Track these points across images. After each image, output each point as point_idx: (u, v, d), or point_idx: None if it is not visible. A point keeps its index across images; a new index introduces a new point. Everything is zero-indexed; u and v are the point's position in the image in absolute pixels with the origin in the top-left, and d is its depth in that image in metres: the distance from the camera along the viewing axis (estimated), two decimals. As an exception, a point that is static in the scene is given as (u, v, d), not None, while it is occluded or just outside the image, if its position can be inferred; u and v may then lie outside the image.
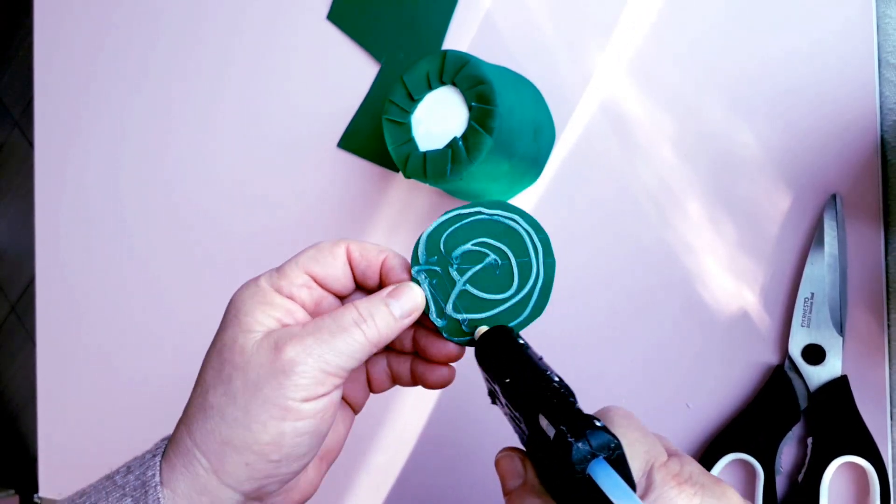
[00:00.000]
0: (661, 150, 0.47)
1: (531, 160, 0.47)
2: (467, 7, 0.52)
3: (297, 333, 0.29)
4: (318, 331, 0.29)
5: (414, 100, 0.42)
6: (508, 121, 0.41)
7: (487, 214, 0.32)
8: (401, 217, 0.54)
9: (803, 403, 0.43)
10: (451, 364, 0.33)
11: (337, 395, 0.30)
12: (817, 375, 0.43)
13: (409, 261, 0.33)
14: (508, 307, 0.32)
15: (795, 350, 0.43)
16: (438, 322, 0.32)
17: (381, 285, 0.33)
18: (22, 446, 1.72)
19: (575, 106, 0.49)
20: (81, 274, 0.66)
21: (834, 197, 0.43)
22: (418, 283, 0.32)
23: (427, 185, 0.53)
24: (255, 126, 0.59)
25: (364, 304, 0.30)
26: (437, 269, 0.32)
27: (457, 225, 0.32)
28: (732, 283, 0.46)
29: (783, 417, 0.43)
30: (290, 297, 0.31)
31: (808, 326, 0.43)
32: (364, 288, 0.33)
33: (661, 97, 0.47)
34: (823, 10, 0.44)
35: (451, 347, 0.33)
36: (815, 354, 0.43)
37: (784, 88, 0.45)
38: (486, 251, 0.32)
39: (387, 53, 0.54)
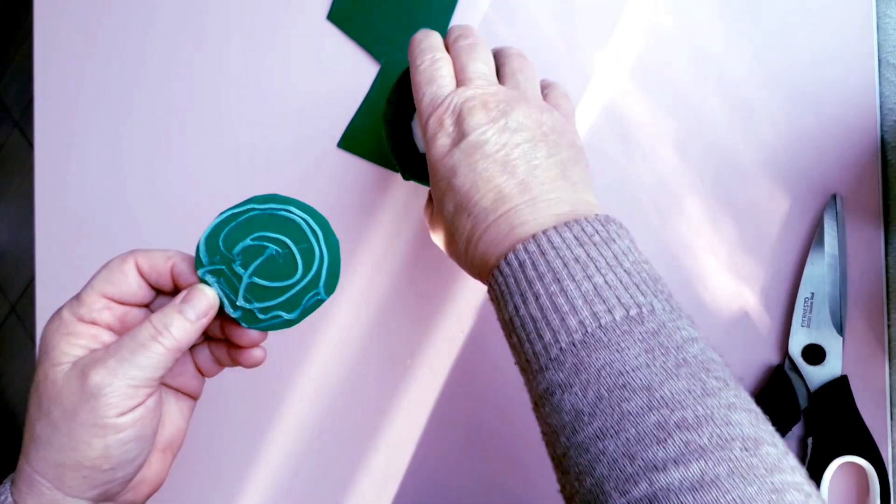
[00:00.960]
0: (662, 151, 0.47)
1: None
2: (467, 7, 0.52)
3: (100, 358, 0.32)
4: (119, 350, 0.32)
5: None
6: None
7: (261, 209, 0.34)
8: (401, 217, 0.55)
9: (803, 403, 0.43)
10: (261, 345, 0.36)
11: (152, 401, 0.33)
12: (817, 375, 0.43)
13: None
14: (299, 289, 0.34)
15: (796, 350, 0.43)
16: (234, 314, 0.34)
17: (176, 289, 0.35)
18: (21, 446, 1.72)
19: (575, 106, 0.50)
20: (81, 274, 0.66)
21: (834, 197, 0.43)
22: (207, 283, 0.34)
23: (426, 187, 0.53)
24: (255, 126, 0.60)
25: (158, 316, 0.33)
26: (222, 267, 0.34)
27: (232, 224, 0.34)
28: (733, 283, 0.46)
29: (783, 417, 0.43)
30: (93, 323, 0.34)
31: (809, 326, 0.43)
32: (164, 292, 0.36)
33: (662, 97, 0.47)
34: (824, 10, 0.44)
35: (252, 333, 0.35)
36: (815, 354, 0.43)
37: (784, 88, 0.45)
38: (266, 244, 0.34)
39: (387, 54, 0.55)
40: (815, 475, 0.42)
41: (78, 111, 0.67)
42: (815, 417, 0.43)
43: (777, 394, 0.43)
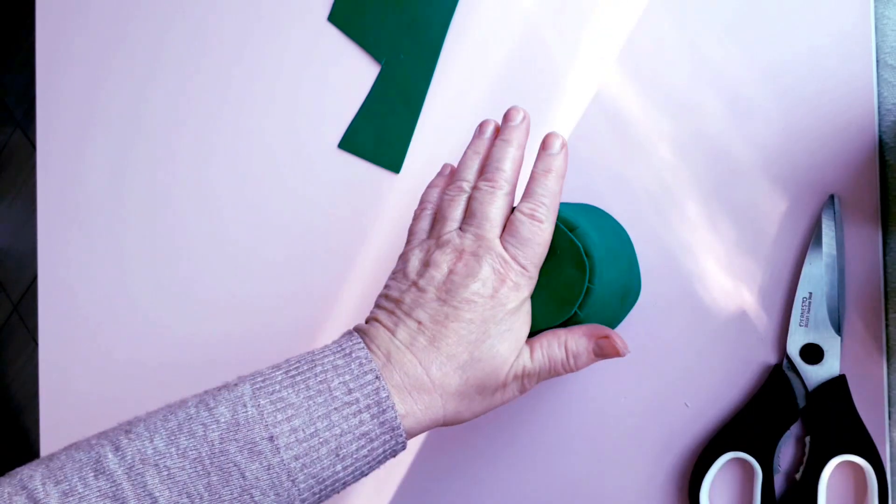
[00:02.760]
0: (660, 150, 0.48)
1: (610, 321, 0.44)
2: (468, 8, 0.53)
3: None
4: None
5: None
6: (600, 295, 0.40)
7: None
8: (401, 217, 0.55)
9: (801, 403, 0.43)
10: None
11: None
12: (815, 375, 0.43)
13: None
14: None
15: (794, 349, 0.43)
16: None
17: None
18: (24, 445, 1.73)
19: (573, 105, 0.50)
20: (83, 274, 0.67)
21: (832, 197, 0.43)
22: None
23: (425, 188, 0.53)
24: (256, 127, 0.60)
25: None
26: None
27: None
28: (731, 283, 0.46)
29: (781, 416, 0.43)
30: None
31: (807, 326, 0.43)
32: None
33: (660, 97, 0.48)
34: (822, 10, 0.44)
35: None
36: (813, 354, 0.43)
37: (782, 89, 0.45)
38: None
39: (387, 55, 0.55)
40: (813, 475, 0.42)
41: (80, 112, 0.67)
42: (813, 417, 0.43)
43: (775, 393, 0.44)
